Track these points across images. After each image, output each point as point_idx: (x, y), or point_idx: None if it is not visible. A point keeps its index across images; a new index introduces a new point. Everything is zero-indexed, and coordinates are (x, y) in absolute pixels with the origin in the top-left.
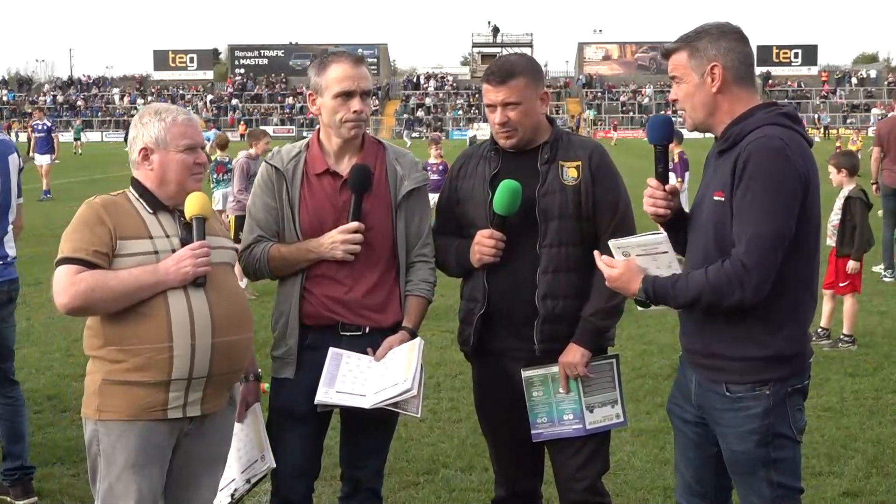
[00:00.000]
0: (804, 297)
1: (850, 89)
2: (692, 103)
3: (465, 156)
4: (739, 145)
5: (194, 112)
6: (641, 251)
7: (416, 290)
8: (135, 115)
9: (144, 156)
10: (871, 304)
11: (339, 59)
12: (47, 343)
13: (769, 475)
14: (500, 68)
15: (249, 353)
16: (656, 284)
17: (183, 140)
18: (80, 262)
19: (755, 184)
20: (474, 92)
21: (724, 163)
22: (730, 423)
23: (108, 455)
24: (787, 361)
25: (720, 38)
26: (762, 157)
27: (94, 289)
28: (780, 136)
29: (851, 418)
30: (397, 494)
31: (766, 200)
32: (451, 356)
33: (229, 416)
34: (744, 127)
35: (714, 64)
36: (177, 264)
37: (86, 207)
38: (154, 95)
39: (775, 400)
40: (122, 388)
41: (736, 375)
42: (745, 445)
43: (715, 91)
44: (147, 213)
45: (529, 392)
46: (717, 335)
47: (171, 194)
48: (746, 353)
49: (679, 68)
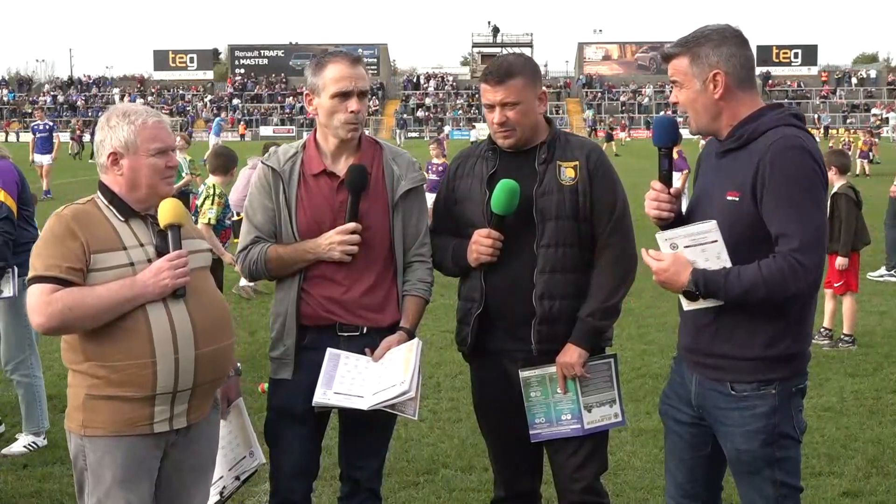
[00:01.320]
0: (810, 298)
1: (850, 89)
2: (695, 109)
3: (463, 156)
4: (753, 145)
5: (194, 112)
6: (690, 241)
7: (414, 290)
8: (100, 117)
9: (113, 160)
10: (871, 304)
11: (336, 59)
12: (47, 343)
13: (773, 474)
14: (499, 68)
15: (232, 357)
16: (707, 277)
17: (154, 144)
18: (54, 280)
19: (791, 183)
20: (474, 92)
21: (736, 163)
22: (735, 423)
23: (95, 471)
24: (793, 361)
25: (722, 43)
26: (791, 156)
27: (70, 308)
28: (799, 136)
29: (851, 418)
30: (397, 494)
31: (807, 198)
32: (451, 356)
33: (214, 420)
34: (756, 127)
35: (716, 72)
36: (154, 277)
37: (55, 220)
38: (154, 95)
39: (780, 400)
40: (107, 404)
41: (742, 374)
42: (751, 445)
43: (717, 98)
44: (118, 220)
45: (527, 392)
46: (723, 335)
47: (141, 199)
48: (754, 352)
49: (680, 73)
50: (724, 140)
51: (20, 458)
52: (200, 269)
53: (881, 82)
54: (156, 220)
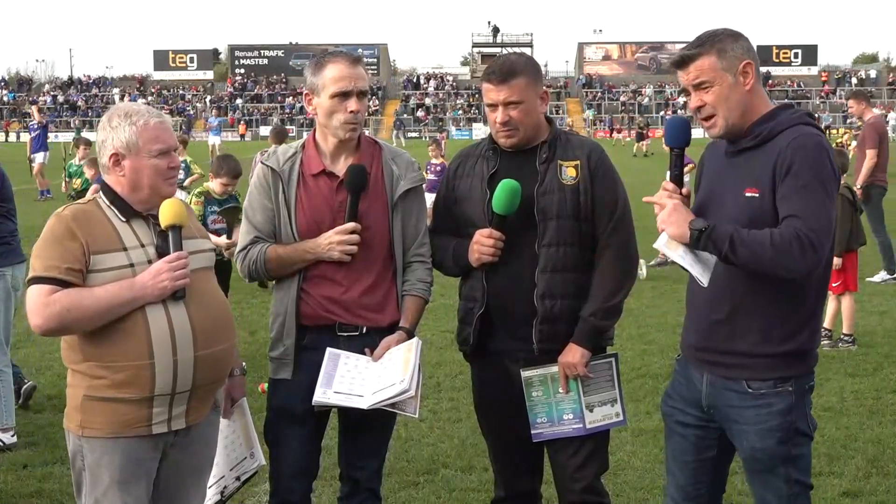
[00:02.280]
0: (823, 294)
1: (850, 89)
2: (727, 105)
3: (463, 155)
4: (770, 144)
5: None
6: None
7: (414, 290)
8: (102, 117)
9: (115, 161)
10: (871, 304)
11: (335, 59)
12: (47, 343)
13: (788, 472)
14: (501, 68)
15: (232, 358)
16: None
17: (156, 145)
18: (53, 281)
19: (809, 174)
20: (474, 92)
21: (753, 160)
22: (751, 421)
23: (93, 471)
24: (808, 357)
25: (738, 38)
26: (810, 152)
27: (68, 309)
28: (818, 135)
29: (851, 418)
30: (397, 494)
31: (822, 190)
32: (451, 356)
33: (214, 422)
34: (774, 126)
35: (747, 61)
36: (154, 278)
37: (55, 220)
38: (154, 95)
39: (797, 397)
40: (105, 405)
41: (759, 372)
42: (767, 443)
43: (748, 89)
44: (119, 221)
45: (529, 392)
46: (742, 332)
47: (143, 199)
48: (771, 349)
49: (708, 72)
50: (740, 139)
51: (20, 458)
52: (202, 270)
53: (881, 82)
54: (157, 220)
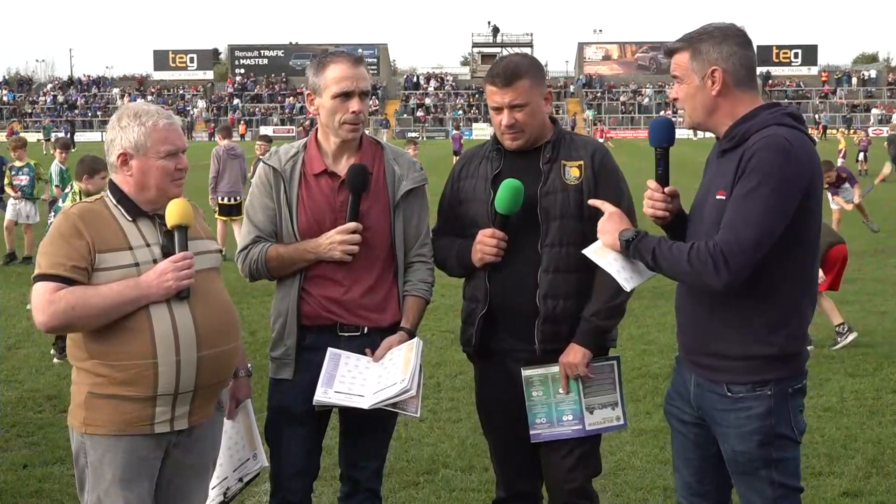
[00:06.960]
0: (806, 296)
1: (850, 89)
2: (692, 104)
3: (467, 156)
4: (744, 145)
5: (195, 112)
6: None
7: (415, 290)
8: (112, 116)
9: (123, 161)
10: (871, 304)
11: (337, 60)
12: (47, 343)
13: (770, 475)
14: (505, 70)
15: (236, 360)
16: (645, 236)
17: (164, 146)
18: (58, 279)
19: (755, 180)
20: (474, 92)
21: (727, 162)
22: (731, 424)
23: (96, 468)
24: (788, 361)
25: (723, 41)
26: (766, 155)
27: (73, 307)
28: (785, 136)
29: (851, 418)
30: (397, 494)
31: (764, 199)
32: (451, 356)
33: (217, 422)
34: (749, 127)
35: (714, 68)
36: (158, 278)
37: (62, 218)
38: (154, 95)
39: (777, 400)
40: (109, 402)
41: (737, 375)
42: (747, 446)
43: (715, 94)
44: (126, 220)
45: (529, 392)
46: (718, 334)
47: (150, 199)
48: (749, 351)
49: (680, 68)
50: (721, 140)
51: (20, 458)
52: (208, 271)
53: (881, 82)
54: (164, 219)
